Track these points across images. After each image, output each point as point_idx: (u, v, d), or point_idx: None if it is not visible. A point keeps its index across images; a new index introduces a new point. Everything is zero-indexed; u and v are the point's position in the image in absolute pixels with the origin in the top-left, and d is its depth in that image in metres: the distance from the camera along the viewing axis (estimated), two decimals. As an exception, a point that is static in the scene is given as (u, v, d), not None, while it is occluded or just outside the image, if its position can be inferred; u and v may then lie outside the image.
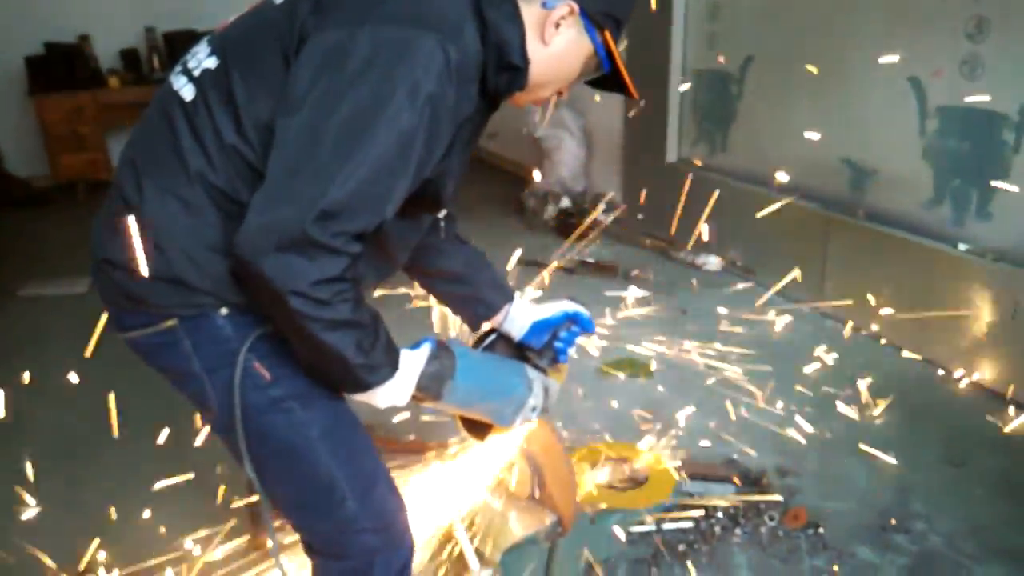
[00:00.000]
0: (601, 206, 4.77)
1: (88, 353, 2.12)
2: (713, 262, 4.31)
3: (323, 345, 1.14)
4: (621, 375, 3.11)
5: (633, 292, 3.57)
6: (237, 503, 2.12)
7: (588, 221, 3.47)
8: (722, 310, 3.29)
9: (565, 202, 5.10)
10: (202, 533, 2.14)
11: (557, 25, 1.27)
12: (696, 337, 3.09)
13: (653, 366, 3.14)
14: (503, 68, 1.27)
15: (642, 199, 4.41)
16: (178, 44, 6.18)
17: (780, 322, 3.51)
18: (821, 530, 2.23)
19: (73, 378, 2.50)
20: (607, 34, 1.31)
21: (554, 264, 3.31)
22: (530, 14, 1.26)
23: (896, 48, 3.27)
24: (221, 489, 2.24)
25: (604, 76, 1.39)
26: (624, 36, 1.37)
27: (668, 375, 3.08)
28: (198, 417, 1.70)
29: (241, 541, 2.11)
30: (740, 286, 3.93)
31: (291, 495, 1.33)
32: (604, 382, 3.08)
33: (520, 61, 1.27)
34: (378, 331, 1.21)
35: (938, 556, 2.15)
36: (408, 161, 1.13)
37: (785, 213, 3.87)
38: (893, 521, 2.27)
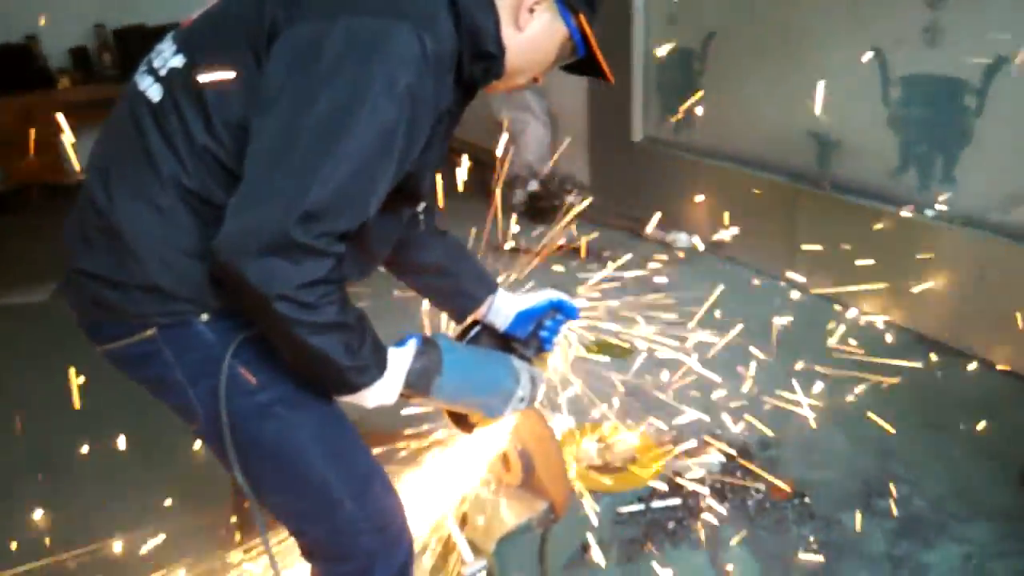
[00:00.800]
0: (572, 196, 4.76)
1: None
2: (683, 239, 4.33)
3: (310, 349, 1.12)
4: (604, 357, 3.10)
5: (606, 273, 3.57)
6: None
7: (571, 214, 3.45)
8: (694, 284, 3.30)
9: (533, 186, 5.08)
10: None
11: (531, 11, 1.25)
12: (670, 314, 3.09)
13: (630, 346, 3.14)
14: (478, 56, 1.24)
15: (611, 181, 4.42)
16: (129, 40, 6.03)
17: (754, 295, 3.54)
18: (807, 500, 2.26)
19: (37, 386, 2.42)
20: (582, 17, 1.29)
21: (540, 249, 3.29)
22: (504, 0, 1.24)
23: (858, 18, 3.30)
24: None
25: (579, 60, 1.38)
26: (598, 19, 1.35)
27: (646, 354, 3.08)
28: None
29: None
30: (711, 261, 3.96)
31: (286, 501, 1.30)
32: (584, 364, 3.07)
33: (495, 49, 1.25)
34: (365, 331, 1.18)
35: (924, 519, 2.19)
36: (390, 155, 1.10)
37: (753, 187, 3.91)
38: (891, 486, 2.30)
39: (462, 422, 1.60)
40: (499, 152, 3.75)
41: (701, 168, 4.23)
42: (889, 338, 3.16)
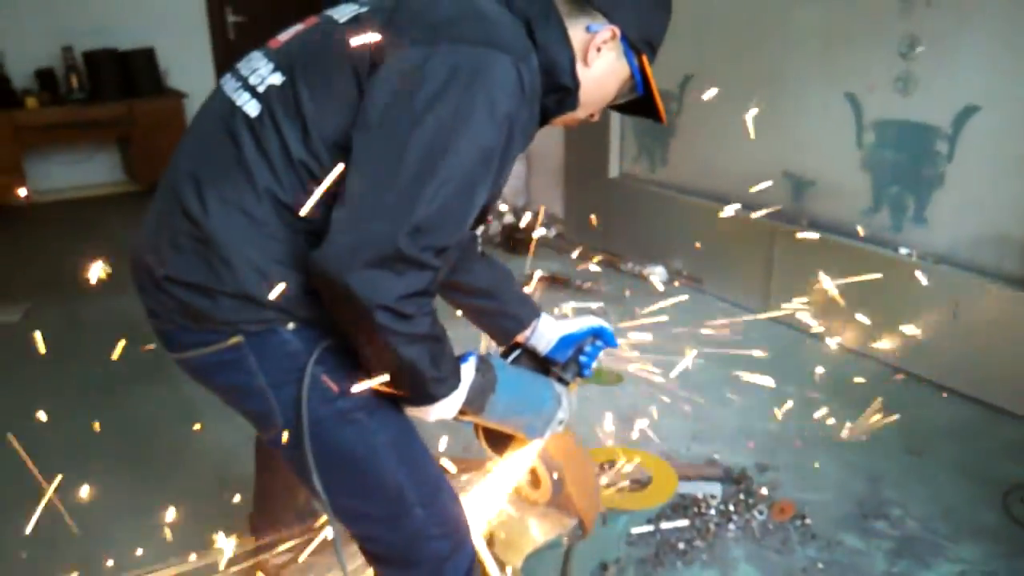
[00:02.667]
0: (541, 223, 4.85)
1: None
2: (659, 272, 4.45)
3: (401, 359, 1.16)
4: (595, 385, 3.17)
5: (586, 304, 3.66)
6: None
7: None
8: (673, 319, 3.40)
9: (509, 218, 5.17)
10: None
11: (599, 49, 1.33)
12: (651, 346, 3.18)
13: (621, 375, 3.22)
14: (552, 89, 1.32)
15: (587, 215, 4.52)
16: (99, 64, 5.96)
17: (731, 328, 3.65)
18: (808, 521, 2.34)
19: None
20: (644, 59, 1.37)
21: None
22: (576, 37, 1.31)
23: (832, 65, 3.49)
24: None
25: (632, 101, 1.46)
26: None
27: (633, 382, 3.16)
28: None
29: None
30: (687, 295, 4.07)
31: (359, 506, 1.33)
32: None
33: (571, 82, 1.32)
34: (446, 344, 1.24)
35: (917, 539, 2.29)
36: (487, 177, 1.17)
37: (729, 224, 4.05)
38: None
39: (497, 444, 1.64)
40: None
41: (677, 204, 4.36)
42: (864, 369, 3.29)
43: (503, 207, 5.22)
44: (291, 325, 1.24)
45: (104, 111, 6.00)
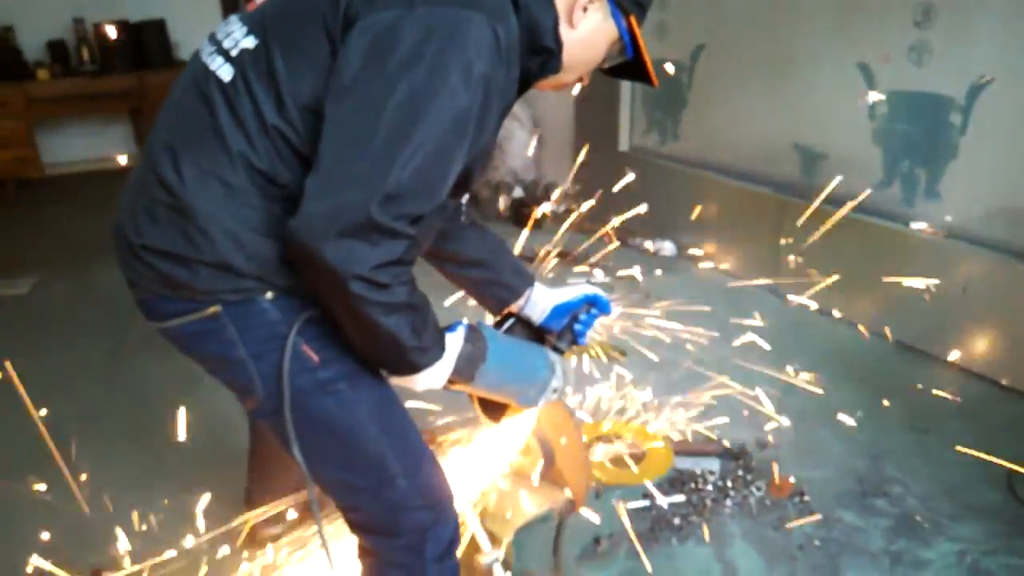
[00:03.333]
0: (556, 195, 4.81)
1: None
2: (668, 247, 4.41)
3: (380, 328, 1.15)
4: (601, 359, 3.15)
5: (596, 278, 3.64)
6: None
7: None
8: (681, 293, 3.37)
9: (518, 192, 5.13)
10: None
11: (585, 9, 1.30)
12: (659, 320, 3.15)
13: (626, 349, 3.19)
14: (535, 51, 1.29)
15: (597, 189, 4.47)
16: (110, 36, 5.96)
17: (740, 302, 3.61)
18: (806, 498, 2.32)
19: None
20: (632, 19, 1.34)
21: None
22: None
23: (845, 35, 3.41)
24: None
25: (621, 64, 1.42)
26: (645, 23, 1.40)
27: (638, 358, 3.14)
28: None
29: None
30: (696, 269, 4.04)
31: (342, 476, 1.33)
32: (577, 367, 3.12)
33: (553, 44, 1.29)
34: (428, 314, 1.22)
35: (918, 517, 2.26)
36: (463, 142, 1.14)
37: (739, 197, 4.01)
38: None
39: (492, 411, 1.63)
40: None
41: (687, 178, 4.31)
42: (871, 344, 3.26)
43: (509, 180, 5.19)
44: (269, 294, 1.23)
45: (115, 83, 6.01)
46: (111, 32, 5.83)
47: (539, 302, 1.67)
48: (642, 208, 3.11)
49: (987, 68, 2.94)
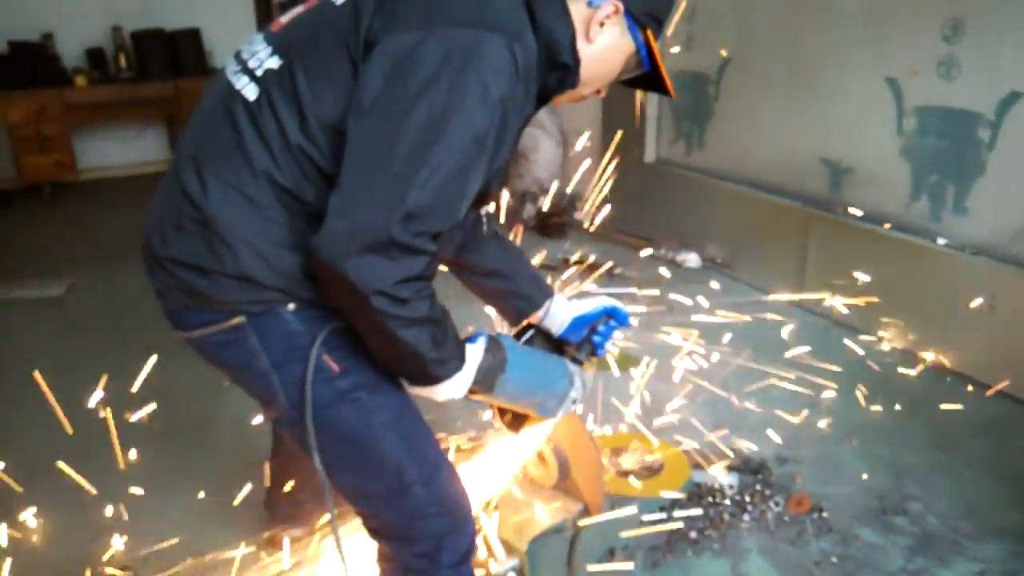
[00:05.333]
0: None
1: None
2: (693, 259, 4.40)
3: (400, 341, 1.18)
4: (615, 371, 3.16)
5: (618, 289, 3.65)
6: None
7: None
8: (705, 305, 3.37)
9: (543, 202, 5.16)
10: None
11: (601, 24, 1.32)
12: (683, 332, 3.15)
13: (644, 360, 3.20)
14: (553, 67, 1.31)
15: (623, 200, 4.49)
16: (146, 44, 6.10)
17: (764, 316, 3.60)
18: (825, 514, 2.31)
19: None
20: (649, 33, 1.35)
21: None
22: (577, 13, 1.30)
23: (873, 49, 3.40)
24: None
25: (640, 75, 1.44)
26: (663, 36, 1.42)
27: (659, 369, 3.14)
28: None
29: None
30: (721, 282, 4.03)
31: (360, 484, 1.36)
32: (597, 376, 3.12)
33: (570, 59, 1.31)
34: (448, 326, 1.25)
35: (938, 536, 2.25)
36: (481, 160, 1.17)
37: (764, 210, 4.00)
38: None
39: (512, 421, 1.65)
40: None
41: (713, 190, 4.31)
42: (897, 361, 3.23)
43: (535, 190, 5.21)
44: (292, 306, 1.26)
45: (151, 90, 6.13)
46: (148, 40, 5.95)
47: (558, 314, 1.69)
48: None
49: (1016, 83, 2.92)
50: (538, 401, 1.48)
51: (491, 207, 1.55)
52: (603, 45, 1.34)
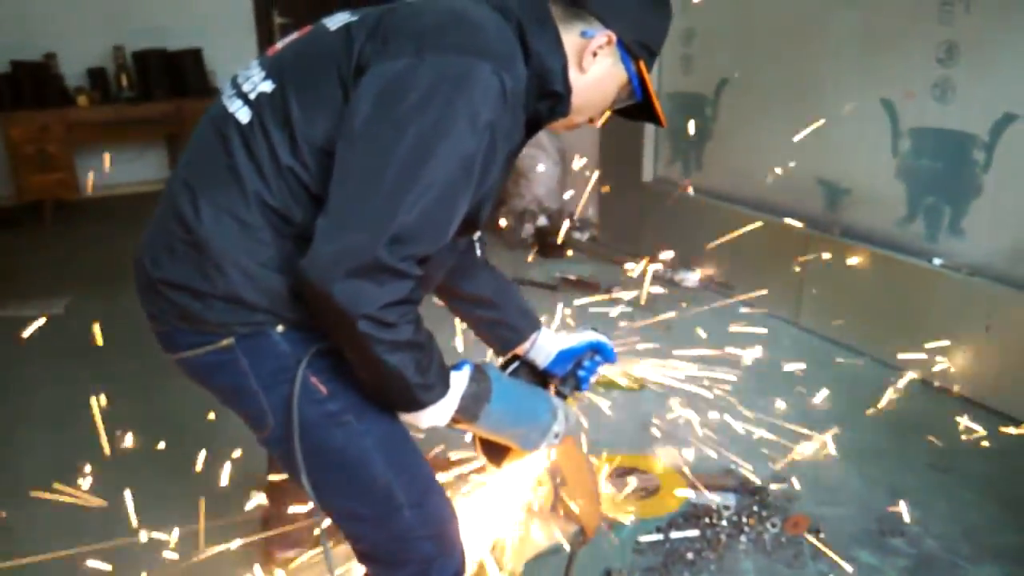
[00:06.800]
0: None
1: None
2: (691, 279, 4.41)
3: (385, 366, 1.18)
4: (614, 391, 3.16)
5: (617, 309, 3.65)
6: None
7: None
8: (704, 325, 3.38)
9: (542, 220, 5.17)
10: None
11: (595, 54, 1.33)
12: (680, 352, 3.15)
13: (644, 380, 3.20)
14: (544, 95, 1.32)
15: (620, 219, 4.51)
16: (148, 64, 6.13)
17: (761, 336, 3.61)
18: (822, 536, 2.30)
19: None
20: (642, 64, 1.37)
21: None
22: (570, 42, 1.32)
23: (869, 71, 3.43)
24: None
25: (632, 105, 1.45)
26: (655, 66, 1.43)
27: (656, 390, 3.14)
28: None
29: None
30: (719, 302, 4.03)
31: (348, 506, 1.35)
32: (595, 396, 3.12)
33: (562, 88, 1.32)
34: (433, 352, 1.25)
35: (935, 558, 2.24)
36: (468, 185, 1.18)
37: (762, 229, 4.00)
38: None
39: (494, 455, 1.64)
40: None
41: (711, 210, 4.32)
42: (893, 381, 3.23)
43: (534, 208, 5.23)
44: (280, 328, 1.27)
45: (153, 110, 6.16)
46: (149, 60, 5.98)
47: (545, 346, 1.69)
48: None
49: (1010, 105, 2.94)
50: (521, 433, 1.47)
51: (481, 234, 1.54)
52: (595, 75, 1.35)
